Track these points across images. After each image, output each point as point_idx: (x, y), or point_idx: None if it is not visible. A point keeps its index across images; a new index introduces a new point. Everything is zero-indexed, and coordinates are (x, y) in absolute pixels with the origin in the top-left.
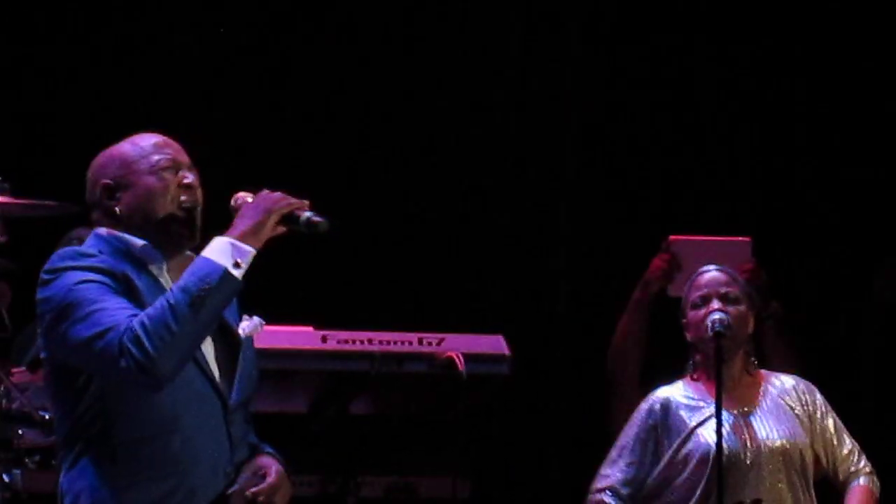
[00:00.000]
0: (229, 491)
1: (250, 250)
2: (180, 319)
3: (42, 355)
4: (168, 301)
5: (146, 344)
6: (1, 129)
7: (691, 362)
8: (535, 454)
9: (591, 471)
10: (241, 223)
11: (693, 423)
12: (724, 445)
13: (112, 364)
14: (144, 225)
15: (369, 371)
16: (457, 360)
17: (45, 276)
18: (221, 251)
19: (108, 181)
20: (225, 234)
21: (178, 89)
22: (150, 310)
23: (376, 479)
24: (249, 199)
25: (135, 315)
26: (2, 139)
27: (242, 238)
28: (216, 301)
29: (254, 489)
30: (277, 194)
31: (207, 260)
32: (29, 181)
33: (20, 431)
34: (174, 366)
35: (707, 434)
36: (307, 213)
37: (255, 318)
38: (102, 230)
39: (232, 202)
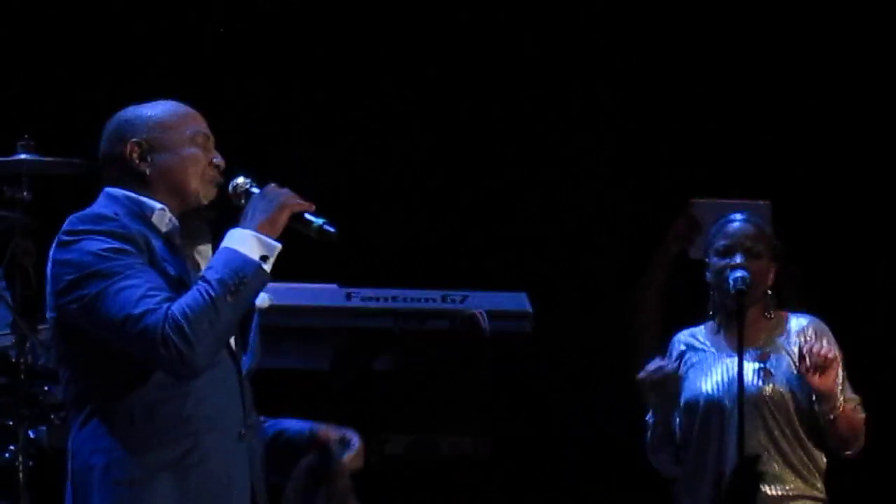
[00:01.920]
0: (346, 455)
1: (276, 245)
2: (221, 313)
3: (50, 314)
4: (209, 294)
5: (191, 337)
6: (26, 88)
7: (711, 302)
8: (556, 412)
9: (613, 428)
10: (257, 216)
11: (690, 365)
12: (711, 390)
13: (150, 349)
14: (173, 191)
15: (392, 328)
16: (480, 318)
17: (65, 238)
18: (248, 244)
19: (139, 140)
20: (241, 225)
21: (204, 56)
22: (189, 301)
23: (399, 437)
24: (248, 187)
25: (170, 298)
26: (27, 96)
27: (263, 231)
28: (249, 294)
29: (351, 454)
30: (286, 191)
31: (238, 252)
32: (54, 139)
33: (46, 388)
34: (211, 357)
35: (700, 379)
36: (320, 221)
37: (262, 293)
38: (117, 191)
39: (230, 188)
